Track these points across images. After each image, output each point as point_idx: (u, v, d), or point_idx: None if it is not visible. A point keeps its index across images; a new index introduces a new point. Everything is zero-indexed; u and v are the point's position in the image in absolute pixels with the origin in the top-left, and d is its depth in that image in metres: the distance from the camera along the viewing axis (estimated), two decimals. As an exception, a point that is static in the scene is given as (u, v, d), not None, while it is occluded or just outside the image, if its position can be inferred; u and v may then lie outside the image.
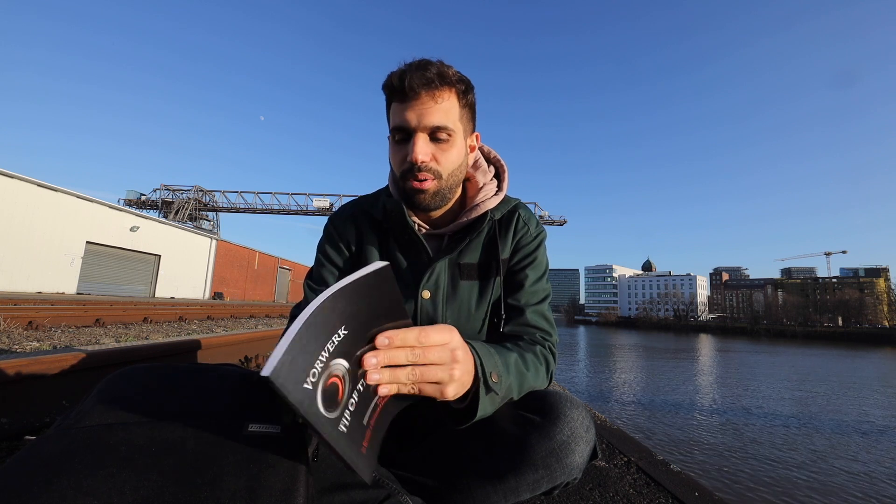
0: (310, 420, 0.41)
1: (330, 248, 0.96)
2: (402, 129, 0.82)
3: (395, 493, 0.61)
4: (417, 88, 0.78)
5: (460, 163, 0.88)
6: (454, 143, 0.84)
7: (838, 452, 8.14)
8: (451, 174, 0.86)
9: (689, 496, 1.22)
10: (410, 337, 0.53)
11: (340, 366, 0.46)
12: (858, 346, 48.37)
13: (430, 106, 0.80)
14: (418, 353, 0.53)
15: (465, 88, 0.84)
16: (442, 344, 0.56)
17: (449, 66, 0.82)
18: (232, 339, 2.71)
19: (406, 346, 0.53)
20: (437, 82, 0.80)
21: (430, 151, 0.82)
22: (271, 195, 40.41)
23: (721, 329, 75.78)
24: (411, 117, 0.80)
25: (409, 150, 0.82)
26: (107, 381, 0.58)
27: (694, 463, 7.11)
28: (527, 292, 0.91)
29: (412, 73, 0.79)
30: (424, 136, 0.81)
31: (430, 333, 0.55)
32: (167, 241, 24.32)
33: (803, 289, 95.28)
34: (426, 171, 0.82)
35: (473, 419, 0.64)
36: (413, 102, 0.80)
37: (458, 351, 0.57)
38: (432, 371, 0.54)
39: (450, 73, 0.81)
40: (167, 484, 0.45)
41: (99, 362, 1.63)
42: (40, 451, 0.47)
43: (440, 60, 0.82)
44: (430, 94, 0.79)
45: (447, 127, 0.81)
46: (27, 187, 16.58)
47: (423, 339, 0.54)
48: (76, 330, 5.79)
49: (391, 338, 0.52)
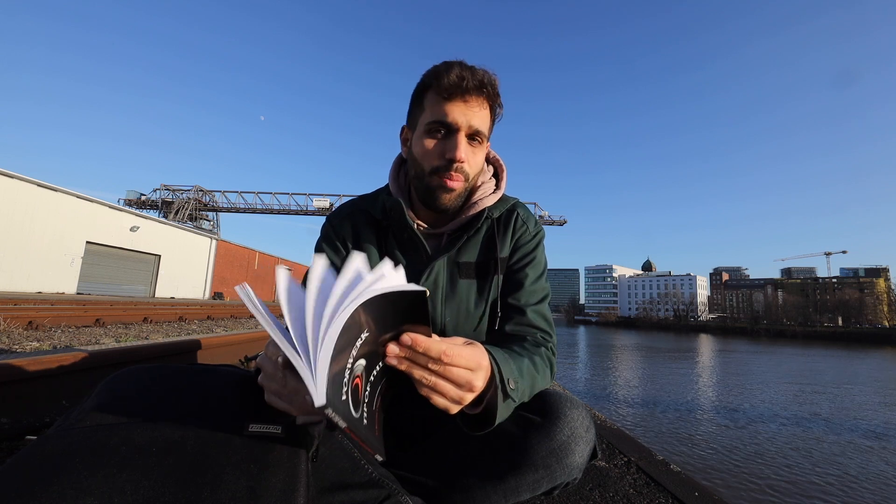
0: (349, 426, 0.42)
1: (327, 248, 0.96)
2: (447, 125, 0.82)
3: (395, 493, 0.61)
4: (473, 90, 0.81)
5: (481, 168, 0.92)
6: (483, 149, 0.89)
7: (838, 453, 8.14)
8: (475, 178, 0.90)
9: (689, 496, 1.22)
10: (435, 349, 0.50)
11: (360, 366, 0.47)
12: (858, 346, 48.37)
13: (476, 109, 0.83)
14: (439, 368, 0.52)
15: (499, 103, 0.88)
16: (467, 368, 0.54)
17: (495, 76, 0.85)
18: (232, 339, 2.71)
19: (429, 356, 0.51)
20: (488, 90, 0.83)
21: (467, 153, 0.84)
22: (271, 195, 40.44)
23: (721, 329, 75.80)
24: (459, 116, 0.81)
25: (448, 147, 0.83)
26: (107, 381, 0.58)
27: (694, 463, 7.11)
28: (526, 291, 0.91)
29: (469, 73, 0.81)
30: (465, 137, 0.84)
31: (459, 352, 0.53)
32: (167, 241, 24.33)
33: (803, 289, 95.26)
34: (460, 171, 0.84)
35: (492, 426, 0.62)
36: (464, 102, 0.81)
37: (477, 381, 0.55)
38: (447, 388, 0.53)
39: (496, 84, 0.85)
40: (167, 484, 0.45)
41: (99, 362, 1.63)
42: (40, 451, 0.47)
43: (487, 69, 0.84)
44: (480, 98, 0.83)
45: (484, 133, 0.85)
46: (27, 187, 16.59)
47: (449, 359, 0.52)
48: (76, 330, 5.79)
49: (415, 342, 0.49)
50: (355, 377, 0.46)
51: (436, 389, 0.53)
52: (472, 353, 0.55)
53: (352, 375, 0.45)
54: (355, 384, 0.46)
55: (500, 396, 0.61)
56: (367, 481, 0.61)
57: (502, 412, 0.63)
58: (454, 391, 0.54)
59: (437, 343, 0.51)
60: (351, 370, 0.45)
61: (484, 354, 0.57)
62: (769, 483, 6.39)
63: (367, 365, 0.49)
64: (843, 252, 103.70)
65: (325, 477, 0.59)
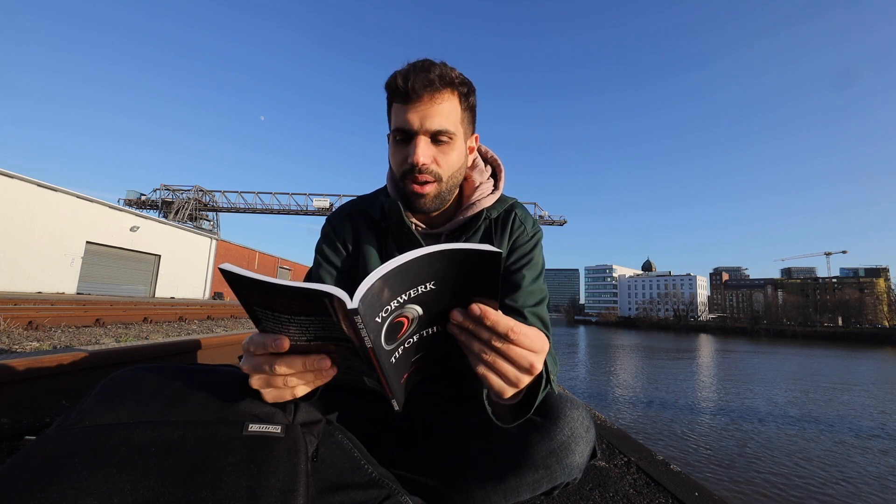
0: (374, 349, 0.44)
1: (328, 249, 0.96)
2: (404, 131, 0.81)
3: (395, 493, 0.61)
4: (420, 90, 0.78)
5: (460, 165, 0.88)
6: (455, 145, 0.84)
7: (838, 453, 8.14)
8: (451, 176, 0.86)
9: (689, 496, 1.22)
10: (502, 324, 0.48)
11: (414, 310, 0.47)
12: (858, 346, 48.33)
13: (431, 108, 0.79)
14: (501, 345, 0.49)
15: (467, 91, 0.84)
16: (531, 350, 0.51)
17: (452, 67, 0.82)
18: (232, 339, 2.71)
19: (494, 332, 0.49)
20: (440, 84, 0.79)
21: (431, 154, 0.82)
22: (271, 195, 40.40)
23: (721, 329, 75.74)
24: (413, 119, 0.79)
25: (409, 152, 0.81)
26: (107, 381, 0.58)
27: (694, 463, 7.11)
28: (524, 293, 0.90)
29: (415, 74, 0.78)
30: (426, 139, 0.81)
31: (525, 331, 0.50)
32: (167, 241, 24.31)
33: (803, 289, 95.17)
34: (427, 172, 0.82)
35: (525, 416, 0.61)
36: (415, 104, 0.79)
37: (539, 364, 0.53)
38: (506, 367, 0.51)
39: (452, 74, 0.81)
40: (167, 484, 0.45)
41: (99, 362, 1.63)
42: (40, 451, 0.47)
43: (443, 62, 0.81)
44: (432, 96, 0.79)
45: (448, 130, 0.81)
46: (27, 187, 16.57)
47: (515, 336, 0.49)
48: (76, 330, 5.79)
49: (485, 314, 0.47)
50: (402, 315, 0.46)
51: (493, 367, 0.51)
52: (536, 334, 0.52)
53: (400, 311, 0.45)
54: (399, 321, 0.46)
55: (542, 384, 0.60)
56: (367, 481, 0.61)
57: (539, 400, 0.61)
58: (514, 372, 0.51)
59: (505, 318, 0.49)
60: (401, 305, 0.45)
61: (545, 339, 0.54)
62: (769, 483, 6.39)
63: (422, 318, 0.49)
64: (843, 252, 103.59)
65: (325, 477, 0.59)
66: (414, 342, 0.51)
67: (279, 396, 0.54)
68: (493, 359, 0.50)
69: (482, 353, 0.50)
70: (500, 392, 0.53)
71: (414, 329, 0.50)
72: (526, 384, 0.53)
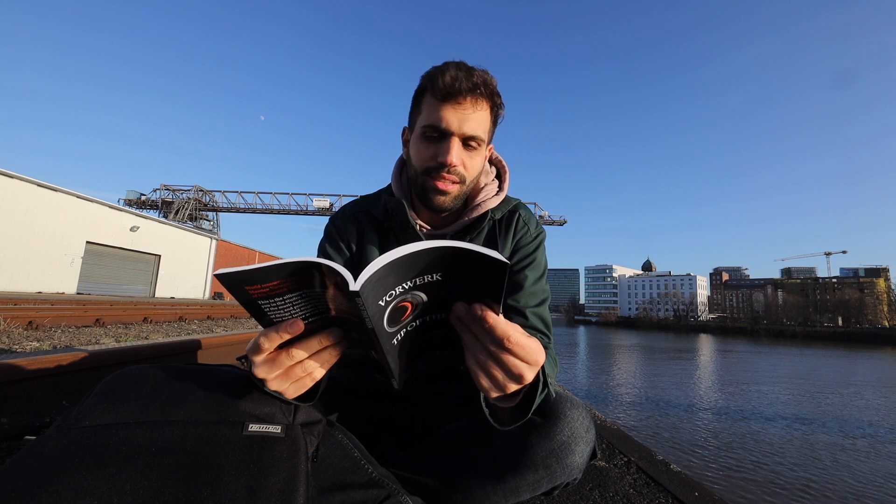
0: (375, 328, 0.45)
1: (331, 248, 0.96)
2: (439, 130, 0.81)
3: (395, 493, 0.61)
4: (465, 92, 0.79)
5: (480, 170, 0.90)
6: (481, 152, 0.86)
7: (838, 453, 8.14)
8: (472, 181, 0.88)
9: (689, 496, 1.22)
10: (500, 330, 0.48)
11: (419, 297, 0.48)
12: (858, 346, 48.34)
13: (472, 113, 0.81)
14: (495, 350, 0.49)
15: (499, 103, 0.86)
16: (524, 361, 0.50)
17: (493, 76, 0.83)
18: (232, 339, 2.70)
19: (491, 336, 0.49)
20: (483, 90, 0.80)
21: (461, 157, 0.83)
22: (271, 195, 40.42)
23: (721, 329, 75.73)
24: (452, 120, 0.80)
25: (440, 151, 0.82)
26: (107, 381, 0.58)
27: (694, 463, 7.11)
28: (526, 293, 0.91)
29: (461, 74, 0.78)
30: (459, 141, 0.82)
31: (521, 342, 0.50)
32: (167, 241, 24.31)
33: (803, 289, 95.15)
34: (454, 174, 0.83)
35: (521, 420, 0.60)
36: (456, 105, 0.79)
37: (529, 376, 0.52)
38: (496, 372, 0.51)
39: (493, 84, 0.82)
40: (167, 484, 0.45)
41: (99, 362, 1.63)
42: (40, 451, 0.47)
43: (485, 69, 0.82)
44: (475, 101, 0.80)
45: (480, 137, 0.83)
46: (27, 187, 16.58)
47: (510, 346, 0.49)
48: (76, 330, 5.79)
49: (485, 316, 0.47)
50: (406, 301, 0.47)
51: (484, 369, 0.51)
52: (532, 347, 0.51)
53: (404, 296, 0.46)
54: (403, 305, 0.47)
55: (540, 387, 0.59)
56: (367, 481, 0.61)
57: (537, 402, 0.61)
58: (502, 377, 0.51)
59: (503, 324, 0.48)
60: (405, 291, 0.46)
61: (542, 351, 0.54)
62: (769, 483, 6.39)
63: (426, 303, 0.49)
64: (843, 252, 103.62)
65: (325, 477, 0.59)
66: (416, 326, 0.52)
67: (301, 387, 0.54)
68: (485, 361, 0.50)
69: (476, 353, 0.51)
70: (486, 392, 0.53)
71: (417, 314, 0.50)
72: (513, 390, 0.53)
